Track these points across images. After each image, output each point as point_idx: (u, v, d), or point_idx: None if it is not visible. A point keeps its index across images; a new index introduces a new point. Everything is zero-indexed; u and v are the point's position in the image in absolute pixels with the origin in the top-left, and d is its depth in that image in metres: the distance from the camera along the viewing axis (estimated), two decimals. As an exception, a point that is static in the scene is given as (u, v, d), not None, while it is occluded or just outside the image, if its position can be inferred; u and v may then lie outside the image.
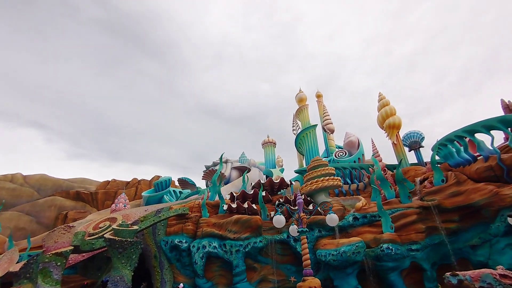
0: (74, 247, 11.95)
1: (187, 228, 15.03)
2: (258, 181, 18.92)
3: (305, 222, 8.40)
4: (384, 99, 20.61)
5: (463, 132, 13.02)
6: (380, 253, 11.74)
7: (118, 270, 11.69)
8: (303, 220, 8.41)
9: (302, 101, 34.27)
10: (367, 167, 20.70)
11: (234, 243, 13.77)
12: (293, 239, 14.32)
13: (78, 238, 12.34)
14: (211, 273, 14.05)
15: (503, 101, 21.41)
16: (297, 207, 8.91)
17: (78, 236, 12.34)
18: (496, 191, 11.40)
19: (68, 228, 11.55)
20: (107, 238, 11.68)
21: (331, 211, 8.29)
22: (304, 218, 8.35)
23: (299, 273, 14.09)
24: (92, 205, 30.12)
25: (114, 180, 33.35)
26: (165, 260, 14.62)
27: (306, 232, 8.39)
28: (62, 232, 11.38)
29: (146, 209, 21.37)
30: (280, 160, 34.33)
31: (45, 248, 11.13)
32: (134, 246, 12.18)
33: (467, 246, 12.25)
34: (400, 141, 18.81)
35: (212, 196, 17.06)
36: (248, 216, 14.22)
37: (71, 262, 15.52)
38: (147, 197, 25.34)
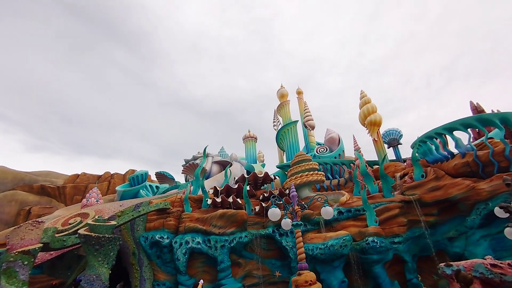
0: (44, 244, 10.87)
1: (169, 223, 14.33)
2: (242, 175, 18.57)
3: (300, 215, 8.22)
4: (365, 96, 21.10)
5: (442, 129, 13.58)
6: (366, 246, 11.94)
7: (94, 268, 10.82)
8: (297, 213, 8.22)
9: (283, 96, 34.25)
10: (348, 163, 21.12)
11: (219, 238, 13.35)
12: (278, 234, 14.20)
13: (48, 235, 11.26)
14: (194, 270, 13.53)
15: (472, 103, 22.80)
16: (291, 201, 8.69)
17: (48, 233, 11.26)
18: (472, 186, 12.01)
19: (37, 224, 10.44)
20: (82, 234, 10.74)
21: (326, 204, 8.17)
22: (298, 211, 8.16)
23: (283, 267, 14.07)
24: (59, 200, 27.96)
25: (84, 173, 31.19)
26: (145, 257, 13.84)
27: (300, 225, 8.21)
28: (29, 228, 10.25)
29: (121, 204, 20.25)
30: (262, 155, 34.17)
31: (9, 245, 9.96)
32: (112, 243, 11.35)
33: (444, 238, 12.83)
34: (380, 138, 19.39)
35: (195, 190, 16.45)
36: (234, 211, 13.85)
37: (37, 261, 14.24)
38: (122, 192, 23.99)
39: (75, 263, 17.49)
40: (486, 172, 12.20)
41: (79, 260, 17.47)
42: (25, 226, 10.24)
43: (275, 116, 36.41)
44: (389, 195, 13.87)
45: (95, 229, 11.24)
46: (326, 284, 11.69)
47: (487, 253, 11.21)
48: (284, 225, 9.17)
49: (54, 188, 28.09)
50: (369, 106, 20.11)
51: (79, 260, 17.47)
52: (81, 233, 10.78)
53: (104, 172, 32.41)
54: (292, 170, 18.79)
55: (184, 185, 22.09)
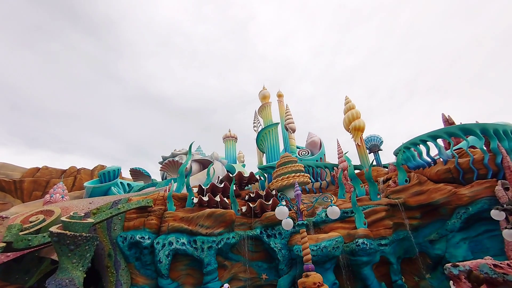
0: (6, 243, 9.44)
1: (150, 222, 13.31)
2: (227, 175, 17.98)
3: (305, 214, 7.94)
4: (350, 102, 21.65)
5: (427, 137, 14.23)
6: (356, 248, 12.02)
7: (67, 271, 9.60)
8: (303, 212, 7.94)
9: (265, 98, 34.24)
10: (331, 166, 21.45)
11: (207, 239, 12.64)
12: (266, 235, 13.84)
13: (11, 233, 9.84)
14: (176, 273, 12.64)
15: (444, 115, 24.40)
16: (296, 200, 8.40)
17: (12, 230, 9.83)
18: (454, 191, 12.67)
19: (0, 220, 9.03)
20: (56, 232, 9.48)
21: (332, 204, 8.00)
22: (304, 210, 7.88)
23: (270, 270, 13.73)
24: (15, 195, 24.96)
25: (46, 167, 28.22)
26: (122, 259, 12.67)
27: (306, 225, 7.93)
28: (-9, 224, 8.83)
29: (91, 201, 18.61)
30: (242, 156, 33.68)
31: (-36, 245, 8.49)
32: (89, 242, 10.19)
33: (426, 241, 13.35)
34: (363, 143, 19.94)
35: (179, 188, 15.52)
36: (223, 210, 13.23)
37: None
38: (91, 188, 22.07)
39: (34, 266, 15.58)
40: (466, 179, 12.94)
41: (40, 263, 15.61)
42: (-14, 222, 8.80)
43: (256, 117, 36.23)
44: (376, 198, 14.17)
45: (70, 226, 10.01)
46: (317, 287, 11.52)
47: (467, 255, 11.89)
48: (285, 225, 8.84)
49: (9, 182, 24.94)
50: (354, 112, 20.65)
51: (40, 263, 15.61)
52: (54, 231, 9.50)
53: (69, 167, 29.57)
54: (278, 171, 18.63)
55: (162, 183, 20.86)
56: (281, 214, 7.49)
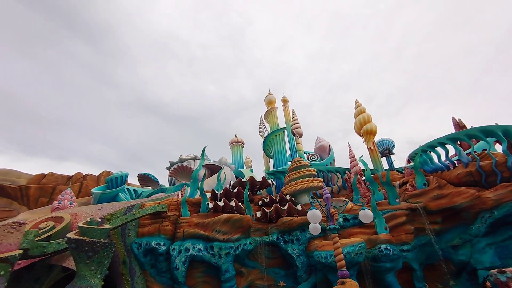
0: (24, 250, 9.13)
1: (165, 228, 12.98)
2: (239, 179, 17.68)
3: (336, 218, 7.67)
4: (360, 106, 21.49)
5: (446, 139, 14.00)
6: (378, 254, 11.68)
7: (86, 279, 9.26)
8: (334, 216, 7.66)
9: (271, 103, 34.12)
10: (343, 170, 21.17)
11: (224, 245, 12.31)
12: (283, 241, 13.51)
13: (28, 240, 9.52)
14: (192, 280, 12.26)
15: (454, 119, 24.27)
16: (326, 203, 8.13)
17: (28, 237, 9.52)
18: (478, 195, 12.36)
19: (17, 226, 8.74)
20: (74, 238, 9.18)
21: (364, 207, 7.72)
22: (335, 214, 7.60)
23: (288, 277, 13.36)
24: (21, 202, 24.60)
25: (51, 173, 27.90)
26: (137, 266, 12.32)
27: (338, 229, 7.65)
28: (8, 230, 8.52)
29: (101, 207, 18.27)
30: (249, 161, 33.38)
31: (-19, 252, 8.18)
32: (107, 249, 9.87)
33: (448, 246, 12.98)
34: (375, 147, 19.70)
35: (192, 193, 15.23)
36: (240, 215, 12.92)
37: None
38: (99, 195, 21.74)
39: (44, 274, 15.19)
40: (489, 182, 12.65)
41: (50, 271, 15.23)
42: (3, 228, 8.50)
43: (261, 123, 36.06)
44: (395, 202, 13.87)
45: (87, 233, 9.71)
46: (340, 294, 11.14)
47: (494, 261, 11.51)
48: (312, 230, 8.58)
49: (15, 188, 24.61)
50: (365, 116, 20.47)
51: (50, 271, 15.23)
52: (72, 237, 9.19)
53: (75, 173, 29.22)
54: (290, 176, 18.33)
55: (172, 189, 20.55)
56: (313, 218, 7.21)
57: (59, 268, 15.22)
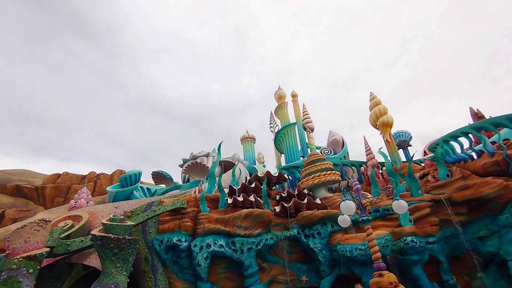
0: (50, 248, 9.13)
1: (186, 224, 12.90)
2: (255, 175, 17.51)
3: (369, 209, 7.44)
4: (375, 98, 21.08)
5: (470, 128, 13.59)
6: (404, 246, 11.42)
7: (112, 276, 9.22)
8: (366, 207, 7.43)
9: (281, 98, 33.79)
10: (358, 164, 20.85)
11: (246, 240, 12.16)
12: (303, 235, 13.33)
13: (54, 237, 9.53)
14: (215, 276, 12.17)
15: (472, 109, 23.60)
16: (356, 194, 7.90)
17: (54, 235, 9.52)
18: (506, 184, 11.97)
19: (44, 223, 8.72)
20: (99, 235, 9.12)
21: (398, 197, 7.47)
22: (367, 205, 7.37)
23: (310, 271, 13.20)
24: (38, 202, 24.91)
25: (66, 173, 28.18)
26: (159, 263, 12.28)
27: (370, 220, 7.42)
28: (35, 228, 8.50)
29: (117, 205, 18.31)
30: (262, 157, 33.23)
31: (9, 250, 8.16)
32: (132, 246, 9.81)
33: (475, 238, 12.65)
34: (392, 139, 19.31)
35: (210, 189, 15.13)
36: (261, 210, 12.77)
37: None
38: (114, 193, 21.85)
39: (65, 273, 15.30)
40: (517, 171, 12.24)
41: (70, 269, 15.34)
42: (30, 226, 8.49)
43: (271, 118, 35.84)
44: (418, 194, 13.54)
45: (112, 229, 9.66)
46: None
47: (525, 252, 11.14)
48: (341, 222, 8.36)
49: (31, 188, 24.93)
50: (381, 108, 20.07)
51: (70, 269, 15.34)
52: (97, 234, 9.14)
53: (89, 172, 29.53)
54: (306, 170, 18.11)
55: (187, 186, 20.52)
56: (347, 209, 6.99)
57: (79, 266, 15.33)
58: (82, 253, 14.04)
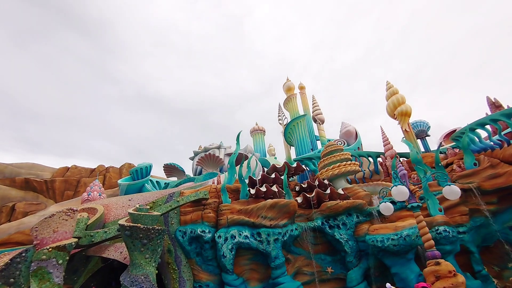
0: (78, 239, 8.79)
1: (208, 215, 12.57)
2: (273, 166, 17.14)
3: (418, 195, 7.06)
4: (392, 87, 20.61)
5: (500, 115, 13.18)
6: (437, 236, 11.04)
7: (141, 267, 8.90)
8: (415, 193, 7.05)
9: (290, 90, 33.34)
10: (375, 155, 20.47)
11: (272, 231, 11.83)
12: (328, 226, 12.98)
13: (80, 228, 9.18)
14: (239, 268, 11.88)
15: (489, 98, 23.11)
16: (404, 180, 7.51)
17: (80, 225, 9.18)
18: (540, 172, 11.60)
19: (71, 213, 8.34)
20: (128, 225, 8.76)
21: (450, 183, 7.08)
22: (416, 191, 6.98)
23: (335, 263, 12.91)
24: (47, 195, 24.57)
25: (75, 166, 27.80)
26: (182, 255, 11.98)
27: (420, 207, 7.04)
28: (63, 217, 8.13)
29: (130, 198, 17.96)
30: (273, 149, 32.86)
31: (38, 240, 7.80)
32: (161, 236, 9.49)
33: (505, 228, 12.32)
34: (411, 128, 18.91)
35: (230, 179, 14.76)
36: (286, 200, 12.41)
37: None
38: (126, 186, 21.50)
39: (82, 265, 15.04)
40: (551, 159, 11.86)
41: (87, 262, 15.06)
42: (59, 215, 8.11)
43: (280, 110, 35.34)
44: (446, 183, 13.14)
45: (139, 219, 9.29)
46: (400, 279, 10.64)
47: (562, 241, 10.81)
48: (384, 209, 8.01)
49: (40, 182, 24.56)
50: (399, 97, 19.62)
51: (87, 262, 15.06)
52: (126, 225, 8.77)
53: (97, 165, 29.15)
54: (324, 160, 17.74)
55: (201, 178, 20.15)
56: (400, 194, 6.60)
57: (96, 259, 15.05)
58: (100, 245, 13.71)
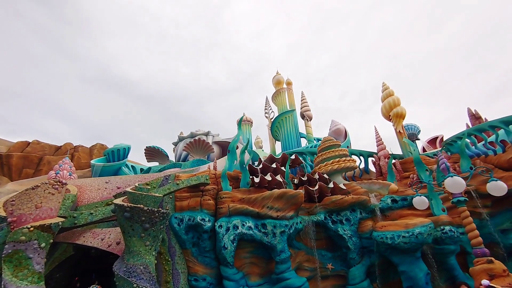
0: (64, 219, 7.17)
1: (208, 202, 11.37)
2: (270, 156, 16.27)
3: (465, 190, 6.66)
4: (388, 89, 20.79)
5: (499, 122, 13.61)
6: (442, 236, 11.05)
7: (140, 256, 7.54)
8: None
9: (279, 83, 32.67)
10: (367, 154, 20.54)
11: (279, 223, 10.98)
12: (331, 221, 12.48)
13: (65, 206, 7.58)
14: (239, 261, 10.87)
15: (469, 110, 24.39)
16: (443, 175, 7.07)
17: (66, 202, 7.57)
18: (534, 179, 12.10)
19: (59, 186, 6.74)
20: (128, 206, 7.32)
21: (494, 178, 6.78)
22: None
23: (335, 259, 12.48)
24: (1, 172, 21.18)
25: (37, 141, 24.30)
26: (177, 245, 10.67)
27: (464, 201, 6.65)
28: (50, 191, 6.50)
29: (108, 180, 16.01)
30: (260, 141, 31.93)
31: (13, 217, 6.11)
32: (164, 221, 8.17)
33: (497, 230, 12.73)
34: (404, 130, 19.20)
35: (230, 166, 13.60)
36: (294, 191, 11.61)
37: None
38: (101, 167, 19.24)
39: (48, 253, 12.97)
40: (544, 167, 12.45)
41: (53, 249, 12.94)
42: (44, 187, 6.49)
43: (267, 104, 34.57)
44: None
45: (141, 200, 7.89)
46: (408, 277, 10.41)
47: (551, 245, 11.34)
48: (418, 203, 7.54)
49: (-7, 156, 21.02)
50: (395, 98, 19.81)
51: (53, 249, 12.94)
52: (125, 205, 7.31)
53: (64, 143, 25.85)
54: (322, 155, 17.29)
55: (189, 164, 18.60)
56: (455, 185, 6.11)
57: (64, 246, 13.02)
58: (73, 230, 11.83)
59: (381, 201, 13.53)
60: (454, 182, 6.12)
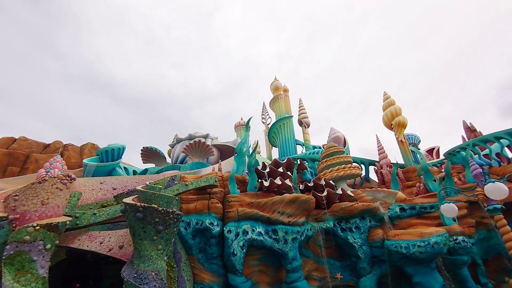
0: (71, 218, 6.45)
1: (216, 206, 10.79)
2: (275, 160, 15.85)
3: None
4: (389, 98, 20.95)
5: (505, 134, 13.77)
6: (456, 246, 10.86)
7: (151, 261, 6.87)
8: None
9: (278, 89, 32.60)
10: (368, 162, 20.47)
11: (291, 229, 10.51)
12: (340, 229, 12.11)
13: (71, 204, 6.86)
14: (247, 269, 10.28)
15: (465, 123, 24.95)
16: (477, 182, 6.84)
17: (72, 200, 6.85)
18: (541, 191, 12.19)
19: (68, 181, 6.06)
20: (141, 206, 6.68)
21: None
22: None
23: (344, 268, 12.07)
24: (-16, 169, 19.74)
25: (24, 138, 22.88)
26: (182, 250, 9.97)
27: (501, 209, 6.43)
28: (58, 186, 5.80)
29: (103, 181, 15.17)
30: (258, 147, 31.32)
31: (17, 214, 5.39)
32: (178, 223, 7.55)
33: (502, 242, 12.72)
34: (406, 140, 19.28)
35: (238, 169, 13.08)
36: (307, 196, 11.22)
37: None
38: (95, 167, 18.25)
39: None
40: (550, 179, 12.60)
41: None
42: (52, 182, 5.79)
43: (264, 109, 34.36)
44: (454, 194, 13.25)
45: (154, 199, 7.27)
46: (423, 288, 10.07)
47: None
48: (446, 211, 7.28)
49: (-25, 152, 19.51)
50: (396, 108, 19.96)
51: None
52: (137, 204, 6.67)
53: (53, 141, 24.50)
54: (325, 162, 17.04)
55: (188, 166, 17.88)
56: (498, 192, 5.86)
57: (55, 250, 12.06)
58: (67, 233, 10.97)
59: (389, 209, 13.29)
60: (496, 188, 5.88)
